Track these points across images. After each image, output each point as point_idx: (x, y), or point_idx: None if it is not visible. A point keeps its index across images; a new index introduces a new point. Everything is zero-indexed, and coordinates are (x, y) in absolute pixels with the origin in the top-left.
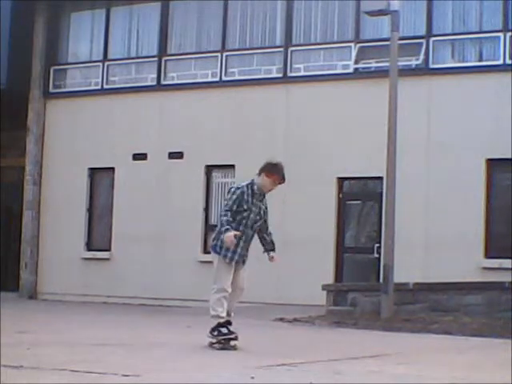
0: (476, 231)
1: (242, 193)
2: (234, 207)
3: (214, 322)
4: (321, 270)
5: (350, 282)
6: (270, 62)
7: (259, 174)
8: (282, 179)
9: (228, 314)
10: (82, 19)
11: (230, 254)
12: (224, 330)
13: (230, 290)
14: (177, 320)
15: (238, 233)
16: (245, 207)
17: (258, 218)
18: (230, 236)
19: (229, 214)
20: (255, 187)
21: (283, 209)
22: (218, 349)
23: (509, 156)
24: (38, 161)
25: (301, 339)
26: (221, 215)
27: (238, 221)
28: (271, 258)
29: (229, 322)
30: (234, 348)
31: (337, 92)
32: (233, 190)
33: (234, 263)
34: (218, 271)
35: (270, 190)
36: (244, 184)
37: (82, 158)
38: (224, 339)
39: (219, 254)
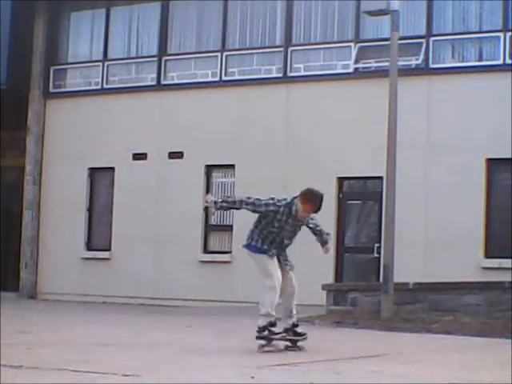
0: (476, 231)
1: (272, 211)
2: (259, 209)
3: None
4: (321, 270)
5: (349, 282)
6: (270, 61)
7: (297, 197)
8: (314, 210)
9: None
10: (81, 19)
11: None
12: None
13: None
14: (177, 320)
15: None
16: (276, 225)
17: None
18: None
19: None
20: (292, 208)
21: None
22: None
23: (509, 156)
24: (38, 161)
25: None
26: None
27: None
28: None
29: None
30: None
31: (337, 92)
32: (266, 199)
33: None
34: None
35: (302, 217)
36: (283, 203)
37: (82, 158)
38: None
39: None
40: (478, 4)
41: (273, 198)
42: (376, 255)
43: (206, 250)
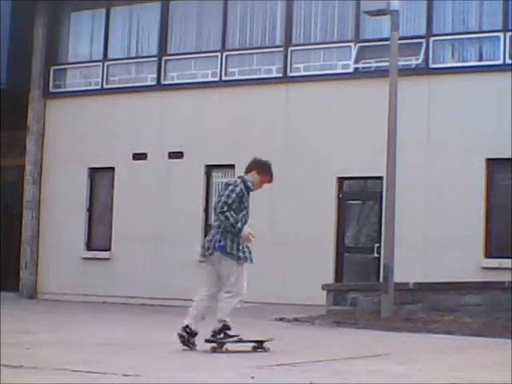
0: (476, 231)
1: (241, 189)
2: (234, 205)
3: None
4: (321, 270)
5: (350, 282)
6: (270, 61)
7: (249, 171)
8: (271, 179)
9: None
10: (81, 19)
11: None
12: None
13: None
14: (177, 320)
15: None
16: (245, 205)
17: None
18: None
19: (231, 212)
20: (249, 184)
21: (284, 209)
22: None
23: (509, 156)
24: (38, 161)
25: (301, 339)
26: (223, 213)
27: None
28: None
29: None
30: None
31: (337, 92)
32: (231, 187)
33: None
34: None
35: (257, 189)
36: (239, 181)
37: (82, 158)
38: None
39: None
40: (477, 4)
41: (229, 185)
42: (376, 255)
43: None
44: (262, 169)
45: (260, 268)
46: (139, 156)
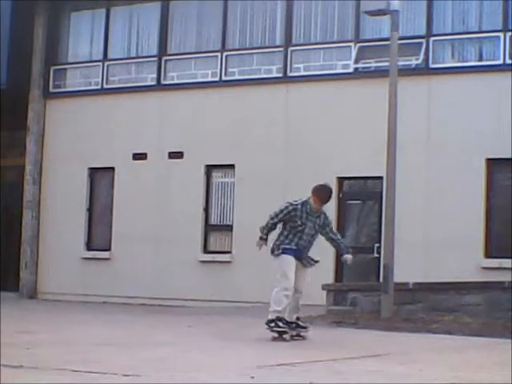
0: (476, 231)
1: (295, 210)
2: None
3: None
4: (321, 270)
5: (350, 282)
6: (270, 61)
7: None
8: (323, 200)
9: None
10: (81, 19)
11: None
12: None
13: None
14: (177, 320)
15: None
16: (299, 222)
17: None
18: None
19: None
20: (308, 207)
21: None
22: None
23: (509, 156)
24: (38, 161)
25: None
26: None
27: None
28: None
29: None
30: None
31: (337, 92)
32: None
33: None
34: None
35: (316, 210)
36: (299, 202)
37: (82, 158)
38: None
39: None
40: (477, 4)
41: (287, 202)
42: (376, 255)
43: (205, 250)
44: (314, 190)
45: (260, 268)
46: (139, 156)
